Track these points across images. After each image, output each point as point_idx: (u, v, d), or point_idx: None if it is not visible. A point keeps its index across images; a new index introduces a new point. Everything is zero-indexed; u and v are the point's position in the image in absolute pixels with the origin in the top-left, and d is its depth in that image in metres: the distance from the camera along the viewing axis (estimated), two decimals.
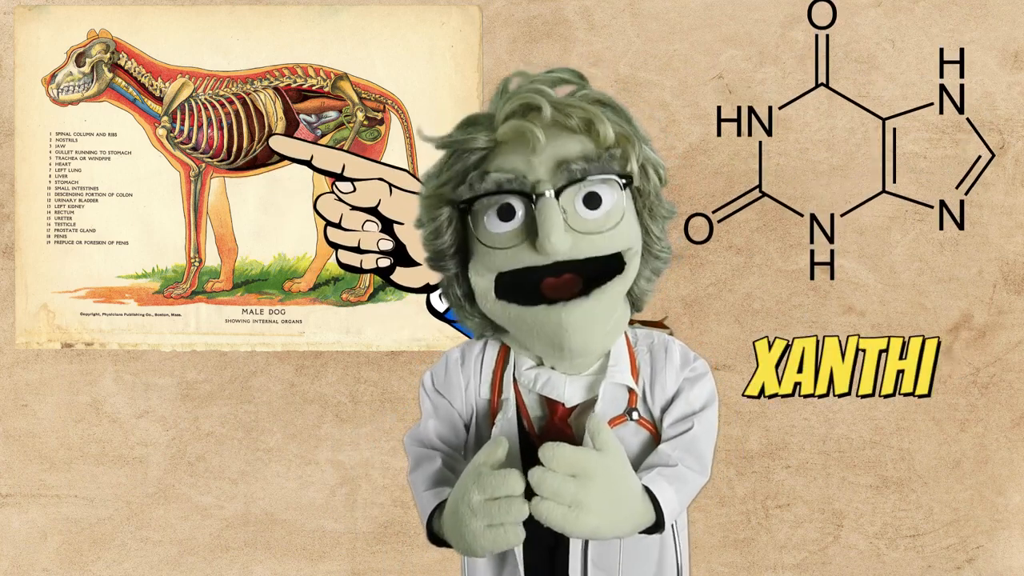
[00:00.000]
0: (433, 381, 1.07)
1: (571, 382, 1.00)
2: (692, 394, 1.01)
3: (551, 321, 0.95)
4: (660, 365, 1.02)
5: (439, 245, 1.01)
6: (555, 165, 0.95)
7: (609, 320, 0.98)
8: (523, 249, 0.95)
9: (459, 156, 0.98)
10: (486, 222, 0.96)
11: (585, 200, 0.95)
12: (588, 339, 0.96)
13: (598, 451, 0.92)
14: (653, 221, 1.01)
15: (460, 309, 1.04)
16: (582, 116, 0.95)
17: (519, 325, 0.98)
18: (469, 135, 0.98)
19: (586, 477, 0.90)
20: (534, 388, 1.01)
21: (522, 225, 0.95)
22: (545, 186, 0.94)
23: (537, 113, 0.96)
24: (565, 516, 0.90)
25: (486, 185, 0.95)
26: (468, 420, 1.06)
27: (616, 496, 0.91)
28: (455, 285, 1.03)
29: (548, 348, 0.98)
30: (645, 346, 1.03)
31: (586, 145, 0.96)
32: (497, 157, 0.97)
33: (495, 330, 1.04)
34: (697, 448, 1.00)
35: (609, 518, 0.91)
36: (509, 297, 0.97)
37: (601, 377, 1.00)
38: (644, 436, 1.01)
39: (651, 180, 0.99)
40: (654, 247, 1.02)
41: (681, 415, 1.01)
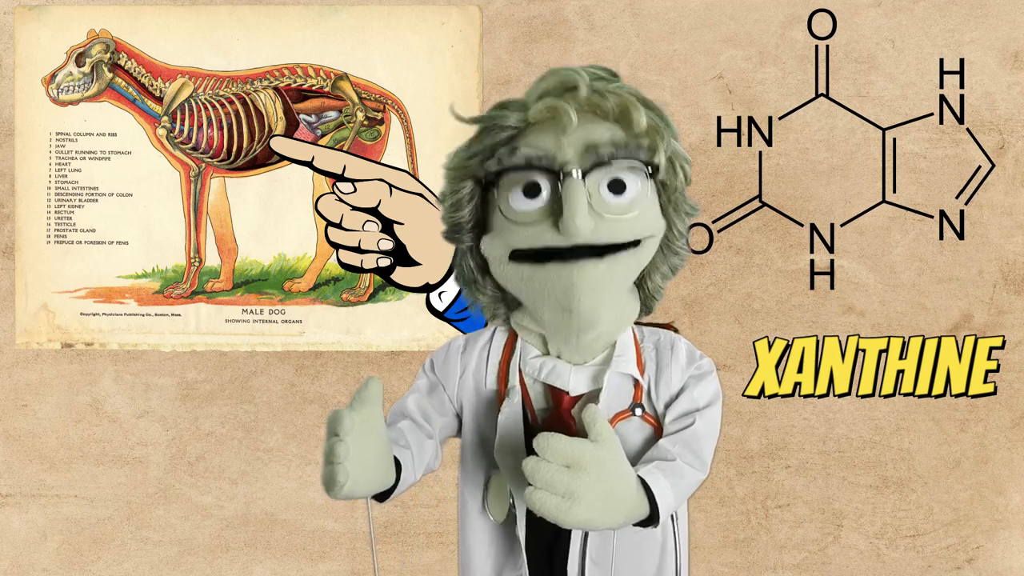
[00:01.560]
0: (433, 363, 1.08)
1: (576, 371, 1.00)
2: (696, 391, 1.02)
3: (562, 279, 0.95)
4: (666, 361, 1.02)
5: (458, 218, 1.01)
6: (584, 147, 0.95)
7: (620, 295, 0.99)
8: (545, 228, 0.95)
9: (490, 131, 0.99)
10: (511, 198, 0.97)
11: (610, 185, 0.96)
12: (597, 304, 0.96)
13: (593, 442, 0.91)
14: (677, 216, 1.02)
15: (472, 284, 1.05)
16: (618, 102, 0.96)
17: (531, 287, 0.98)
18: (501, 113, 0.99)
19: (580, 468, 0.90)
20: (539, 377, 1.01)
21: (547, 204, 0.96)
22: (572, 166, 0.94)
23: (573, 93, 0.96)
24: (558, 506, 0.89)
25: (515, 160, 0.96)
26: (457, 408, 1.06)
27: (610, 487, 0.91)
28: (468, 257, 1.03)
29: (557, 312, 0.98)
30: (651, 343, 1.03)
31: (616, 133, 0.97)
32: (528, 135, 0.98)
33: (507, 307, 1.04)
34: (697, 444, 1.00)
35: (602, 509, 0.91)
36: (522, 259, 0.98)
37: (606, 367, 1.00)
38: (648, 432, 1.01)
39: (678, 175, 1.00)
40: (675, 243, 1.02)
41: (684, 411, 1.01)
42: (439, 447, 1.06)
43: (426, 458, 1.04)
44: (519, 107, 0.99)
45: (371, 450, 0.92)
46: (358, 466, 0.90)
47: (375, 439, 0.93)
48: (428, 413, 1.06)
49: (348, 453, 0.89)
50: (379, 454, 0.94)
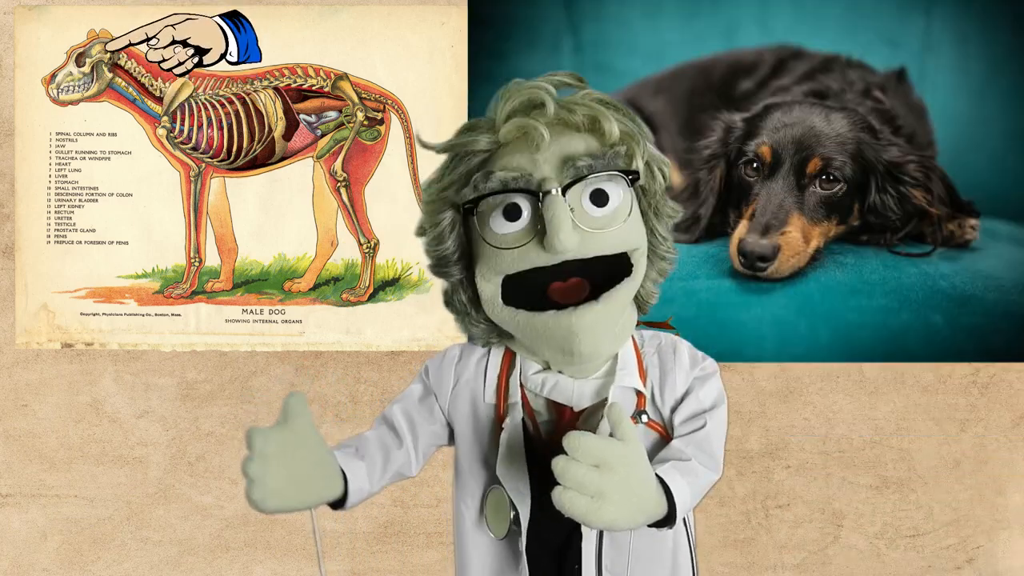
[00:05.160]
0: (428, 369, 1.07)
1: (579, 386, 0.99)
2: (702, 393, 1.01)
3: (561, 327, 0.94)
4: (669, 366, 1.02)
5: (442, 251, 1.00)
6: (560, 162, 0.94)
7: (618, 323, 0.98)
8: (530, 248, 0.94)
9: (461, 159, 0.97)
10: (492, 223, 0.95)
11: (592, 197, 0.94)
12: (598, 343, 0.96)
13: (620, 441, 0.90)
14: (659, 220, 1.01)
15: (465, 316, 1.02)
16: (586, 113, 0.95)
17: (527, 331, 0.97)
18: (471, 138, 0.97)
19: (608, 468, 0.89)
20: (542, 392, 1.00)
21: (529, 224, 0.94)
22: (551, 183, 0.93)
23: (540, 110, 0.95)
24: (588, 507, 0.88)
25: (491, 184, 0.95)
26: (447, 418, 1.05)
27: (635, 487, 0.91)
28: (459, 291, 1.02)
29: (558, 353, 0.97)
30: (653, 347, 1.03)
31: (590, 143, 0.95)
32: (501, 158, 0.96)
33: (500, 336, 1.03)
34: (709, 445, 1.00)
35: (627, 509, 0.90)
36: (517, 303, 0.96)
37: (610, 380, 0.99)
38: (653, 438, 1.01)
39: (656, 179, 0.99)
40: (660, 248, 1.01)
41: (692, 413, 1.01)
42: (415, 455, 1.05)
43: (394, 467, 1.03)
44: (487, 128, 0.97)
45: (299, 465, 0.91)
46: (281, 482, 0.90)
47: (304, 452, 0.92)
48: (414, 420, 1.05)
49: (265, 471, 0.89)
50: (311, 466, 0.93)
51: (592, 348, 0.95)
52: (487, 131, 0.97)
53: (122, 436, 1.72)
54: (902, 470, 1.71)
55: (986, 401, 1.71)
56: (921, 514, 1.71)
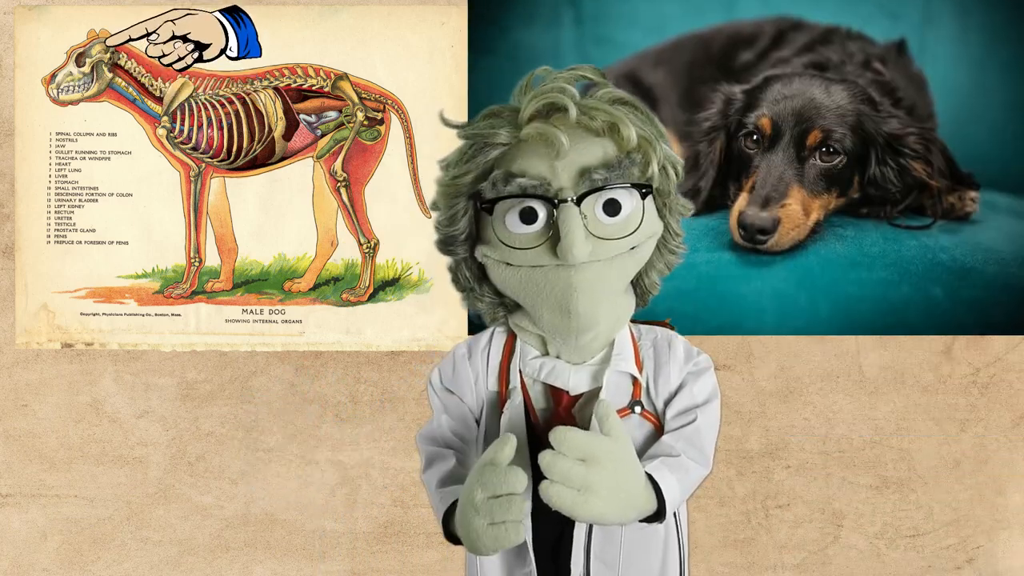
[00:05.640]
0: (441, 378, 1.08)
1: (576, 371, 1.01)
2: (696, 387, 1.03)
3: (561, 280, 0.97)
4: (664, 359, 1.03)
5: (453, 231, 1.03)
6: (578, 173, 0.97)
7: (616, 293, 1.00)
8: (542, 251, 0.97)
9: (480, 148, 1.00)
10: (507, 221, 0.98)
11: (605, 206, 0.97)
12: (595, 304, 0.98)
13: (607, 436, 0.93)
14: (671, 217, 1.04)
15: (470, 291, 1.06)
16: (606, 119, 0.97)
17: (528, 288, 0.99)
18: (492, 129, 0.99)
19: (595, 462, 0.91)
20: (539, 377, 1.02)
21: (543, 228, 0.97)
22: (568, 193, 0.96)
23: (562, 115, 0.98)
24: (574, 500, 0.91)
25: (511, 189, 0.97)
26: (478, 415, 1.06)
27: (622, 482, 0.93)
28: (464, 268, 1.05)
29: (556, 313, 0.99)
30: (649, 340, 1.05)
31: (608, 149, 0.98)
32: (519, 157, 0.99)
33: (505, 310, 1.05)
34: (700, 440, 1.01)
35: (615, 503, 0.92)
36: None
37: (605, 366, 1.01)
38: (648, 429, 1.02)
39: (669, 178, 1.02)
40: (670, 242, 1.05)
41: (684, 408, 1.02)
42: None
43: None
44: (510, 120, 1.00)
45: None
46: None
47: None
48: (462, 434, 1.07)
49: (524, 511, 0.93)
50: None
51: (588, 308, 0.97)
52: (509, 124, 1.00)
53: (122, 436, 1.72)
54: (902, 470, 1.71)
55: (986, 401, 1.71)
56: (921, 514, 1.71)
